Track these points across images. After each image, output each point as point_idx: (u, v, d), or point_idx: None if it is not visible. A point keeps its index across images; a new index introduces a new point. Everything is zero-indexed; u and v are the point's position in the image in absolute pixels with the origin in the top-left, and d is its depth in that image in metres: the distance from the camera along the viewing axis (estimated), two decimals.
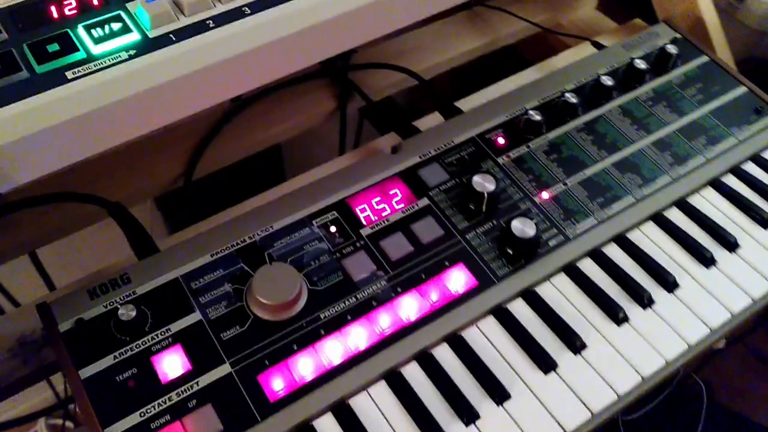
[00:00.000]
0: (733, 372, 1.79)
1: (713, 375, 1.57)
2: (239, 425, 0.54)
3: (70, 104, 0.47)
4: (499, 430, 0.55)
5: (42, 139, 0.47)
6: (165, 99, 0.50)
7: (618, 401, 0.58)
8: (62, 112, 0.47)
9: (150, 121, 0.51)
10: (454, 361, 0.59)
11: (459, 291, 0.62)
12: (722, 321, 0.63)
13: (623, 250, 0.67)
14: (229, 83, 0.53)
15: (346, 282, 0.62)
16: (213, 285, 0.61)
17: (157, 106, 0.50)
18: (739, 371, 1.80)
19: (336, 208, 0.67)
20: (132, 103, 0.48)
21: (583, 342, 0.60)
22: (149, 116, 0.50)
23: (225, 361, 0.57)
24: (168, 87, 0.49)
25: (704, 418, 0.81)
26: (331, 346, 0.58)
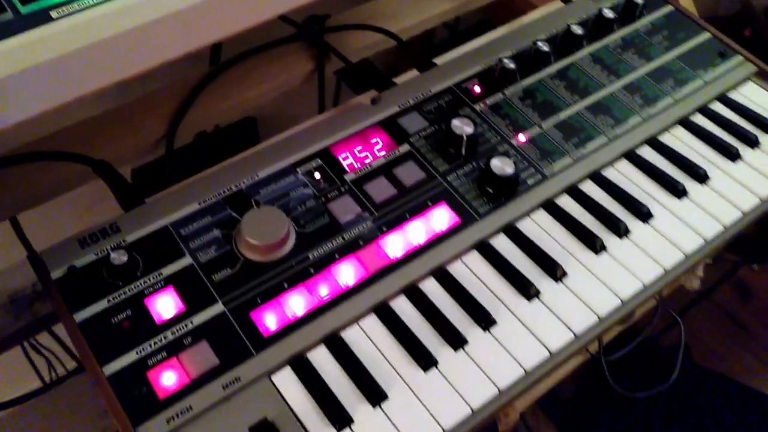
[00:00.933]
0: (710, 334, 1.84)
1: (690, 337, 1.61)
2: (234, 359, 0.55)
3: (56, 43, 0.48)
4: (487, 354, 0.57)
5: (29, 77, 0.47)
6: (152, 37, 0.51)
7: (599, 323, 0.60)
8: (48, 51, 0.48)
9: (136, 61, 0.52)
10: (441, 293, 0.61)
11: (442, 228, 0.64)
12: (695, 247, 0.65)
13: (599, 186, 0.69)
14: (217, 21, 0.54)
15: (332, 224, 0.64)
16: (202, 231, 0.62)
17: (143, 44, 0.51)
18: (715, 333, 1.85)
19: (319, 156, 0.68)
20: (119, 41, 0.49)
21: (563, 270, 0.62)
22: (136, 55, 0.51)
23: (218, 301, 0.58)
24: (154, 25, 0.50)
25: (681, 358, 0.83)
26: (321, 283, 0.60)
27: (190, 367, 0.54)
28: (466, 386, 0.55)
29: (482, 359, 0.57)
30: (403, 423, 0.53)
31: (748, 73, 0.80)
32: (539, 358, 0.57)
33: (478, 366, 0.57)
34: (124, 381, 0.53)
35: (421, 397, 0.55)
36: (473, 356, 0.57)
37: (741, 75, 0.80)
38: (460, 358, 0.57)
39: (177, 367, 0.54)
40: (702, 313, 1.92)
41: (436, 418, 0.54)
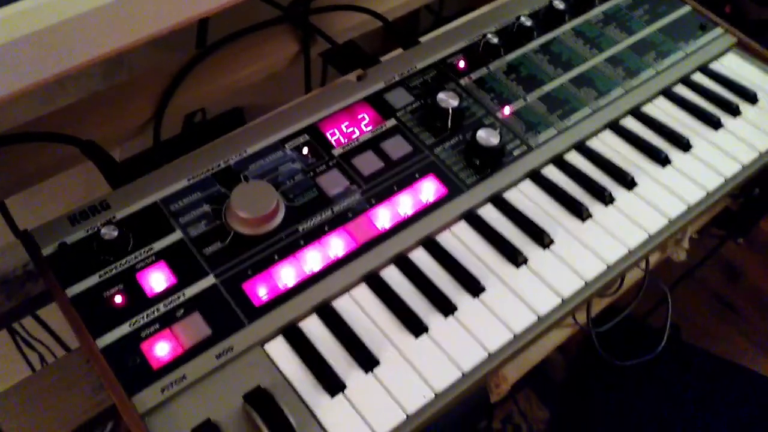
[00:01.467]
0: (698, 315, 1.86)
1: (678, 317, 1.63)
2: (227, 329, 0.55)
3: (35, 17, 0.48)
4: (476, 319, 0.58)
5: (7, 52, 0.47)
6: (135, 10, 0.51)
7: (586, 287, 0.61)
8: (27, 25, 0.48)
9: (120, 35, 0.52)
10: (430, 262, 0.62)
11: (430, 200, 0.65)
12: (679, 212, 0.66)
13: (583, 156, 0.70)
14: None
15: (321, 197, 0.64)
16: (191, 206, 0.62)
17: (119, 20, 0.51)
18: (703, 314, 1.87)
19: (307, 132, 0.69)
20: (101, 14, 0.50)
21: (550, 238, 0.63)
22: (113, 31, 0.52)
23: (209, 273, 0.58)
24: None
25: (669, 329, 0.84)
26: (310, 255, 0.60)
27: (183, 338, 0.55)
28: (456, 350, 0.56)
29: (472, 324, 0.58)
30: (395, 387, 0.54)
31: (728, 45, 0.82)
32: (528, 322, 0.58)
33: (467, 331, 0.57)
34: (118, 353, 0.53)
35: (412, 362, 0.56)
36: (463, 322, 0.58)
37: (721, 46, 0.81)
38: (450, 324, 0.58)
39: (170, 338, 0.55)
40: (690, 294, 1.94)
41: (427, 382, 0.55)
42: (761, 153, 0.72)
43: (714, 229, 1.09)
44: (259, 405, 0.51)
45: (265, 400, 0.52)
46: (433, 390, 0.54)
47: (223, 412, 0.52)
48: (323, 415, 0.52)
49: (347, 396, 0.53)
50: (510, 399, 1.69)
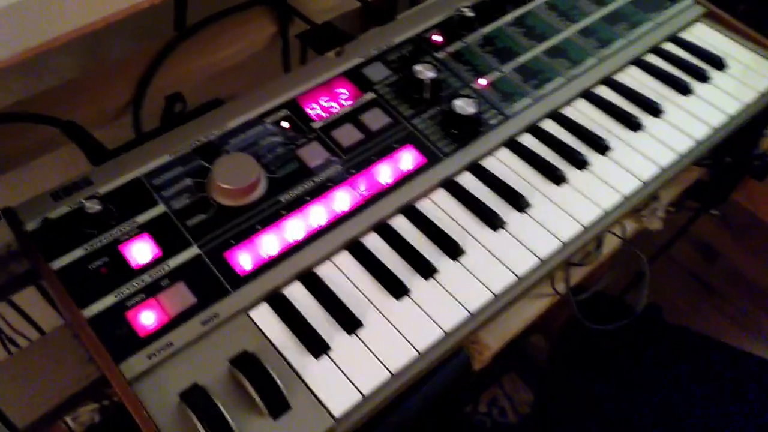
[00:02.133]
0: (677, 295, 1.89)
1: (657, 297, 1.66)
2: (212, 297, 0.56)
3: None
4: (457, 281, 0.59)
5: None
6: None
7: (563, 248, 0.63)
8: None
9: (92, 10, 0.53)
10: (411, 228, 0.63)
11: (409, 168, 0.66)
12: (652, 174, 0.68)
13: (558, 124, 0.72)
14: None
15: (302, 169, 0.65)
16: (174, 180, 0.63)
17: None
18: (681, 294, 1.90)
19: (286, 106, 0.69)
20: None
21: (527, 202, 0.65)
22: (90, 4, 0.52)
23: (192, 244, 0.59)
24: None
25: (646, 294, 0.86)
26: (292, 224, 0.61)
27: (169, 307, 0.55)
28: (437, 311, 0.58)
29: (452, 286, 0.59)
30: (379, 348, 0.55)
31: (697, 15, 0.83)
32: (507, 282, 0.60)
33: (448, 292, 0.59)
34: (104, 322, 0.54)
35: (394, 323, 0.57)
36: (443, 284, 0.59)
37: (691, 16, 0.83)
38: (430, 286, 0.59)
39: (155, 307, 0.55)
40: (669, 274, 1.98)
41: (410, 341, 0.56)
42: (730, 116, 0.74)
43: (689, 201, 1.11)
44: (245, 368, 0.52)
45: (252, 364, 0.53)
46: (416, 349, 0.55)
47: (210, 377, 0.53)
48: (309, 376, 0.53)
49: (332, 357, 0.55)
50: (495, 383, 1.71)
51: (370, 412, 0.54)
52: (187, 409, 0.50)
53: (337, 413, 0.52)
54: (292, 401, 0.52)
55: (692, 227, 2.05)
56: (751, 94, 0.76)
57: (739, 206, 2.10)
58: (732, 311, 1.91)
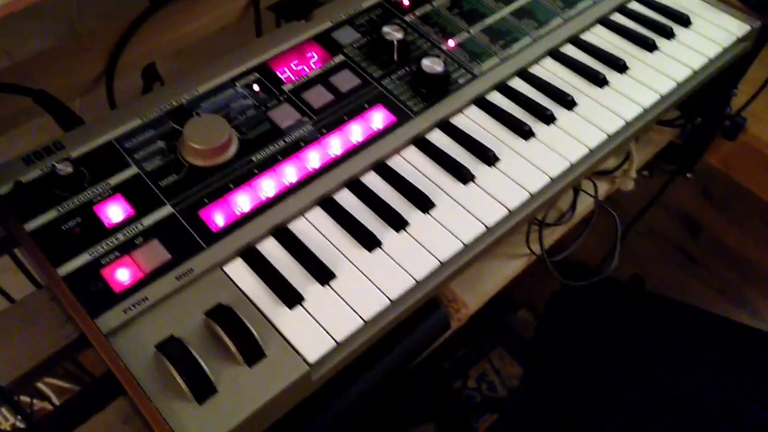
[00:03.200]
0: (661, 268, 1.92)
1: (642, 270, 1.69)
2: (186, 253, 0.57)
3: None
4: (427, 233, 0.61)
5: None
6: None
7: (531, 200, 0.64)
8: None
9: None
10: (381, 184, 0.64)
11: (379, 127, 0.67)
12: (617, 128, 0.70)
13: (526, 82, 0.73)
14: None
15: (273, 130, 0.66)
16: (146, 143, 0.64)
17: None
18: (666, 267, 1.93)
19: (257, 70, 0.70)
20: None
21: (496, 156, 0.66)
22: None
23: (166, 203, 0.60)
24: None
25: (618, 250, 0.87)
26: (265, 182, 0.62)
27: (143, 263, 0.56)
28: (409, 261, 0.59)
29: (423, 237, 0.60)
30: (352, 297, 0.56)
31: None
32: (476, 232, 0.61)
33: (419, 243, 0.60)
34: (79, 280, 0.55)
35: (367, 273, 0.58)
36: (414, 235, 0.60)
37: None
38: (402, 238, 0.60)
39: (130, 264, 0.56)
40: (652, 247, 2.00)
41: (382, 290, 0.57)
42: (694, 70, 0.75)
43: (664, 165, 1.13)
44: (220, 319, 0.53)
45: (226, 315, 0.53)
46: (388, 297, 0.57)
47: (185, 329, 0.54)
48: (283, 326, 0.54)
49: (305, 307, 0.56)
50: (484, 358, 1.73)
51: (345, 359, 0.56)
52: (164, 359, 0.51)
53: (312, 359, 0.53)
54: (266, 349, 0.53)
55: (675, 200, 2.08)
56: (715, 49, 0.77)
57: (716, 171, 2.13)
58: (716, 282, 1.93)
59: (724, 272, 1.97)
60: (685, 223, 2.05)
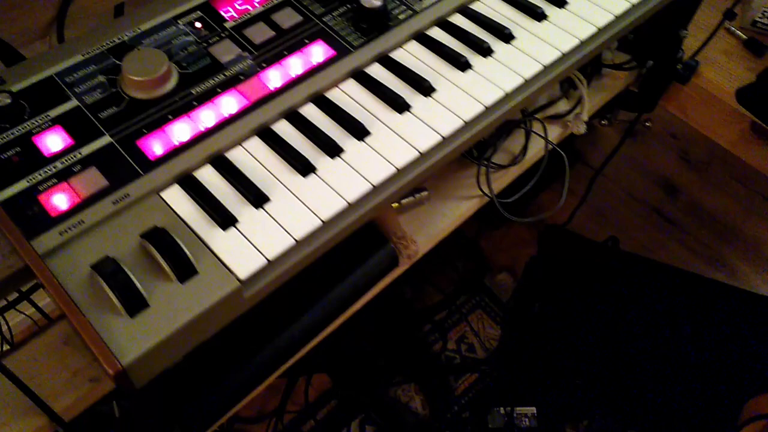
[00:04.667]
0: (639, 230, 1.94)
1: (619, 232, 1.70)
2: (123, 180, 0.59)
3: None
4: (362, 159, 0.62)
5: None
6: None
7: (466, 127, 0.65)
8: None
9: None
10: (319, 115, 0.66)
11: (319, 61, 0.68)
12: (554, 58, 0.71)
13: (466, 18, 0.74)
14: None
15: (214, 64, 0.67)
16: (87, 78, 0.65)
17: None
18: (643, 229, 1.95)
19: (200, 9, 0.71)
20: None
21: (432, 86, 0.67)
22: None
23: (105, 134, 0.61)
24: None
25: (566, 188, 0.88)
26: (204, 113, 0.63)
27: (80, 189, 0.58)
28: (342, 185, 0.60)
29: (357, 163, 0.62)
30: (285, 219, 0.58)
31: None
32: (410, 157, 0.62)
33: (353, 168, 0.61)
34: (16, 205, 0.56)
35: (300, 196, 0.59)
36: (349, 161, 0.62)
37: None
38: (336, 164, 0.62)
39: (67, 190, 0.58)
40: (630, 211, 2.02)
41: (314, 212, 0.59)
42: (633, 4, 0.76)
43: (623, 113, 1.14)
44: (154, 239, 0.55)
45: (160, 235, 0.55)
46: (320, 218, 0.58)
47: (121, 250, 0.55)
48: (216, 246, 0.56)
49: (239, 228, 0.57)
50: (463, 322, 1.76)
51: (278, 278, 0.57)
52: (98, 278, 0.53)
53: (243, 276, 0.54)
54: (198, 267, 0.54)
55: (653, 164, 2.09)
56: None
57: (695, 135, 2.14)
58: (693, 243, 1.96)
59: (702, 234, 1.99)
60: (663, 187, 2.07)
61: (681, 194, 2.07)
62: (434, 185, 0.88)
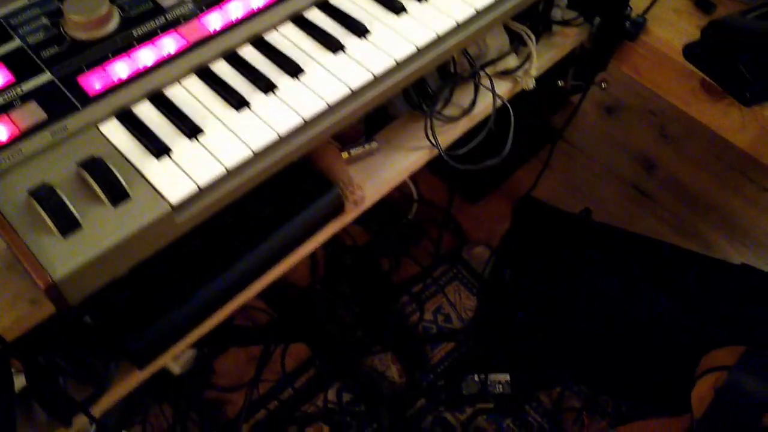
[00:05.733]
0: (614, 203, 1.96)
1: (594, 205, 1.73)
2: (62, 113, 0.61)
3: None
4: (294, 95, 0.65)
5: None
6: None
7: (397, 68, 0.68)
8: None
9: None
10: (257, 55, 0.68)
11: (260, 6, 0.71)
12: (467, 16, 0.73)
13: None
14: None
15: (155, 8, 0.69)
16: (30, 20, 0.67)
17: None
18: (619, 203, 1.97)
19: None
20: None
21: (366, 29, 0.70)
22: None
23: (46, 71, 0.63)
24: None
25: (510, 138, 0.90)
26: (143, 53, 0.66)
27: (20, 122, 0.60)
28: (274, 118, 0.63)
29: (290, 99, 0.64)
30: (217, 149, 0.61)
31: None
32: (341, 94, 0.66)
33: (286, 104, 0.64)
34: None
35: (233, 129, 0.62)
36: (282, 97, 0.64)
37: None
38: (269, 100, 0.64)
39: (7, 122, 0.60)
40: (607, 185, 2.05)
41: (245, 142, 0.61)
42: None
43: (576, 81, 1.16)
44: (90, 168, 0.57)
45: (95, 163, 0.58)
46: (251, 149, 0.61)
47: (57, 177, 0.57)
48: (149, 173, 0.59)
49: (172, 158, 0.60)
50: (440, 293, 1.78)
51: (210, 206, 0.60)
52: (34, 203, 0.55)
53: (174, 200, 0.57)
54: (131, 192, 0.57)
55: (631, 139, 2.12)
56: None
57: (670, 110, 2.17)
58: (669, 217, 1.98)
59: (678, 208, 2.01)
60: (640, 162, 2.10)
61: (658, 169, 2.10)
62: (384, 137, 0.90)
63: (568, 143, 2.17)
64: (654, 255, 1.48)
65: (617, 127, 2.22)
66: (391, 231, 1.87)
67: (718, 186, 2.08)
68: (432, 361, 1.68)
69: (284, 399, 1.59)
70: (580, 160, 2.14)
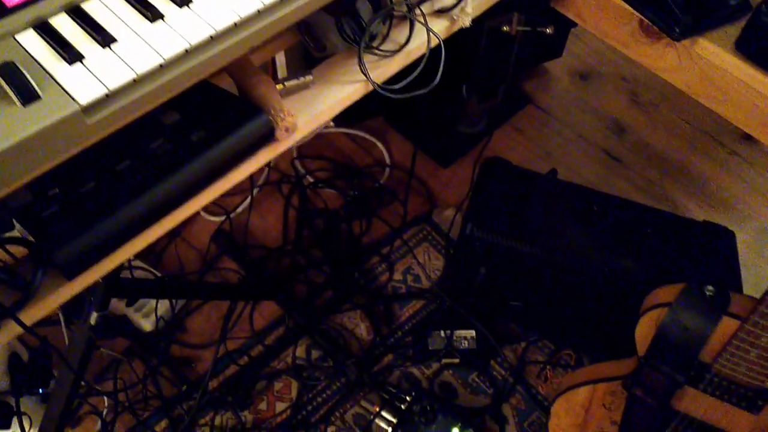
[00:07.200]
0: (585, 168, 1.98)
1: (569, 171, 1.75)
2: None
3: None
4: (207, 9, 0.67)
5: None
6: None
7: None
8: None
9: None
10: None
11: None
12: None
13: None
14: None
15: None
16: None
17: None
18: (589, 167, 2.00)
19: None
20: None
21: None
22: None
23: None
24: None
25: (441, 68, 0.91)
26: None
27: None
28: (186, 30, 0.65)
29: (204, 13, 0.67)
30: (128, 56, 0.63)
31: None
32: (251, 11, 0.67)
33: (198, 16, 0.66)
34: None
35: (146, 39, 0.64)
36: (197, 11, 0.67)
37: None
38: (184, 13, 0.67)
39: None
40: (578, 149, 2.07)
41: (157, 51, 0.63)
42: None
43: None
44: (4, 72, 0.59)
45: (8, 67, 0.60)
46: (162, 56, 0.63)
47: None
48: (61, 77, 0.61)
49: (84, 64, 0.62)
50: (409, 254, 1.81)
51: (121, 111, 0.62)
52: None
53: (83, 101, 0.59)
54: (42, 93, 0.59)
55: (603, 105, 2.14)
56: None
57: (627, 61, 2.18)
58: (639, 180, 2.01)
59: (648, 172, 2.04)
60: (612, 127, 2.12)
61: (629, 134, 2.12)
62: (320, 71, 0.93)
63: (541, 109, 2.19)
64: (617, 212, 1.50)
65: (590, 93, 2.24)
66: (363, 194, 1.89)
67: (689, 150, 2.11)
68: (401, 318, 1.71)
69: (254, 355, 1.62)
70: (552, 125, 2.16)
